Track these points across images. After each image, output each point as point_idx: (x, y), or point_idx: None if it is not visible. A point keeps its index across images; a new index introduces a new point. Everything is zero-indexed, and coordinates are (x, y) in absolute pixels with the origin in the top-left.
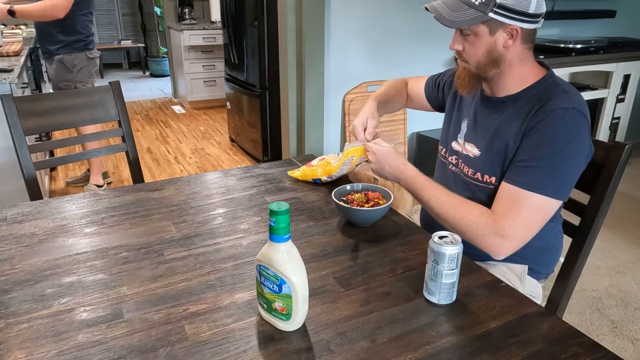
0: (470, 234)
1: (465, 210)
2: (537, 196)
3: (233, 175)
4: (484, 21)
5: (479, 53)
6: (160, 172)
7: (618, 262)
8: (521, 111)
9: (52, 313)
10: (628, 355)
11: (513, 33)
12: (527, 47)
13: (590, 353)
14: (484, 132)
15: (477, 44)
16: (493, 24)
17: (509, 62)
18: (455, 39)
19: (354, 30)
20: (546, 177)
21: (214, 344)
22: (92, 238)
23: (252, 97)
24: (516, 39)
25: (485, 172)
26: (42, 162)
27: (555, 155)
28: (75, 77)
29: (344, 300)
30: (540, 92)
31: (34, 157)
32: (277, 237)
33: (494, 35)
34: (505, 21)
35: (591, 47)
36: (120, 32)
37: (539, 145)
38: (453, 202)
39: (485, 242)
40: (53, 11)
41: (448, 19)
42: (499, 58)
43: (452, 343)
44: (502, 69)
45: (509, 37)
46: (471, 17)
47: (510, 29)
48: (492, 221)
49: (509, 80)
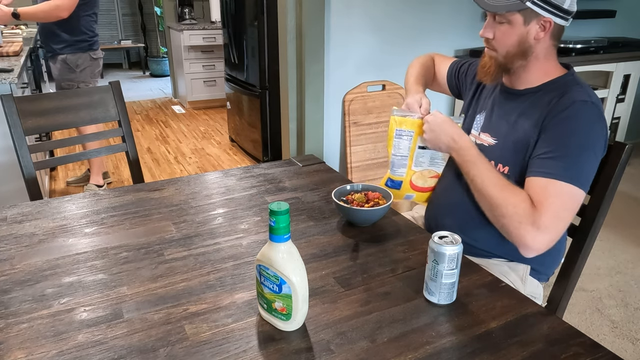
0: (508, 219)
1: (509, 192)
2: (567, 185)
3: (233, 175)
4: (520, 9)
5: (510, 42)
6: (160, 172)
7: (618, 262)
8: (540, 102)
9: (52, 313)
10: (628, 355)
11: (546, 26)
12: (553, 44)
13: (590, 353)
14: (501, 121)
15: (509, 33)
16: (528, 14)
17: (535, 55)
18: (487, 27)
19: (354, 30)
20: (572, 167)
21: (214, 344)
22: (92, 238)
23: (252, 97)
24: (547, 33)
25: (499, 160)
26: (42, 162)
27: (579, 146)
28: (78, 77)
29: (344, 300)
30: (559, 86)
31: (34, 157)
32: (277, 237)
33: (528, 26)
34: (541, 12)
35: (591, 47)
36: (120, 32)
37: (562, 136)
38: (501, 182)
39: (520, 230)
40: (57, 11)
41: (487, 2)
42: (528, 50)
43: (452, 343)
44: (527, 62)
45: (541, 30)
46: (510, 3)
47: (543, 21)
48: (532, 209)
49: (532, 75)
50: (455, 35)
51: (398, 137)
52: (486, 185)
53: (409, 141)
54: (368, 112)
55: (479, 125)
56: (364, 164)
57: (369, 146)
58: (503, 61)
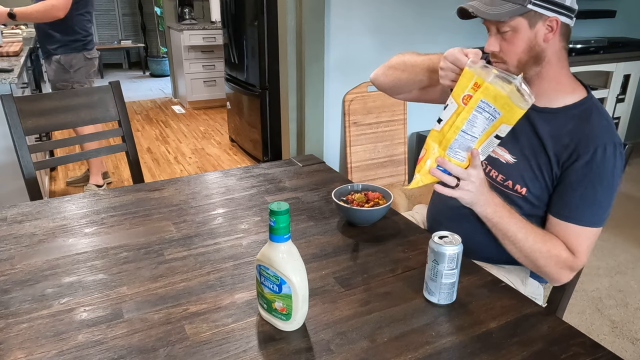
0: (548, 267)
1: (551, 244)
2: (597, 229)
3: (233, 175)
4: (522, 13)
5: (519, 49)
6: (160, 172)
7: (618, 262)
8: (562, 130)
9: (52, 313)
10: (628, 355)
11: (553, 25)
12: (563, 47)
13: (590, 353)
14: (521, 139)
15: (516, 40)
16: (532, 16)
17: (548, 60)
18: (491, 40)
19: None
20: (600, 211)
21: (214, 344)
22: (92, 238)
23: (252, 97)
24: (556, 33)
25: (517, 181)
26: (42, 162)
27: (607, 191)
28: (73, 77)
29: (344, 300)
30: (582, 112)
31: (34, 157)
32: (277, 237)
33: (534, 28)
34: (545, 12)
35: (591, 47)
36: (120, 32)
37: (590, 181)
38: (539, 233)
39: (560, 274)
40: (53, 11)
41: (488, 13)
42: (540, 54)
43: (452, 343)
44: (542, 69)
45: (549, 31)
46: (510, 9)
47: (549, 20)
48: (571, 257)
49: (548, 84)
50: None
51: (480, 110)
52: (526, 238)
53: (489, 122)
54: (368, 112)
55: None
56: (364, 164)
57: (369, 146)
58: (516, 72)
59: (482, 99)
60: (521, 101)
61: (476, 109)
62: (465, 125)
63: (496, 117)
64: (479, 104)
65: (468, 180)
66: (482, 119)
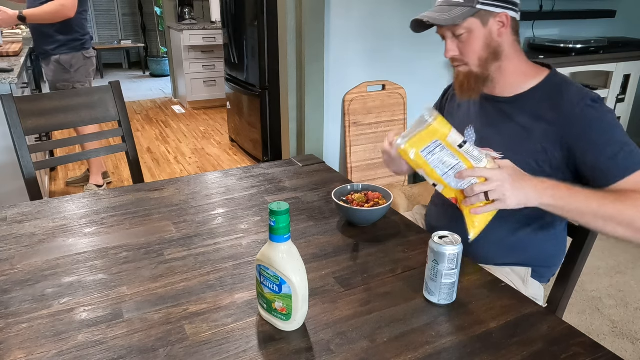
0: None
1: (631, 200)
2: None
3: (233, 175)
4: (473, 14)
5: (478, 48)
6: (160, 172)
7: (618, 262)
8: (543, 108)
9: (52, 313)
10: (628, 355)
11: (503, 20)
12: (516, 40)
13: (590, 353)
14: (504, 134)
15: (472, 40)
16: (483, 15)
17: (506, 54)
18: (449, 46)
19: (354, 30)
20: (634, 150)
21: (214, 344)
22: (92, 238)
23: (252, 97)
24: (507, 27)
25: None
26: (42, 162)
27: (621, 134)
28: (73, 77)
29: (344, 300)
30: (552, 87)
31: (34, 157)
32: (277, 237)
33: (487, 26)
34: (494, 10)
35: (591, 47)
36: (120, 32)
37: (602, 137)
38: (615, 194)
39: None
40: (64, 11)
41: (442, 19)
42: (498, 49)
43: (452, 343)
44: (502, 63)
45: (501, 26)
46: (462, 12)
47: (500, 16)
48: None
49: (511, 76)
50: None
51: (429, 156)
52: (606, 206)
53: (443, 150)
54: (368, 112)
55: (472, 139)
56: (364, 164)
57: (369, 146)
58: (479, 70)
59: (420, 150)
60: (428, 119)
61: (427, 159)
62: (439, 171)
63: (439, 144)
64: (423, 155)
65: (493, 184)
66: (439, 156)
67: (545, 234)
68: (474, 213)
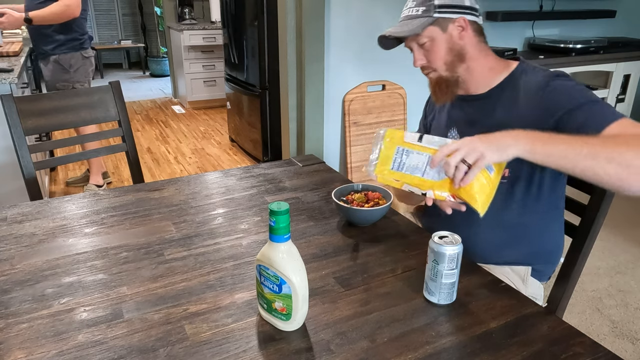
0: None
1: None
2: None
3: (233, 175)
4: (432, 22)
5: (442, 53)
6: (160, 172)
7: (618, 262)
8: (517, 98)
9: (52, 313)
10: (628, 355)
11: (462, 24)
12: (481, 40)
13: (590, 353)
14: (487, 130)
15: (436, 46)
16: (442, 22)
17: (470, 55)
18: (416, 56)
19: (354, 30)
20: (607, 107)
21: (214, 344)
22: (92, 238)
23: (252, 97)
24: (467, 29)
25: (519, 173)
26: (42, 162)
27: (588, 93)
28: (73, 77)
29: (344, 300)
30: (521, 74)
31: (34, 157)
32: (277, 237)
33: (447, 31)
34: (451, 16)
35: (591, 47)
36: (120, 32)
37: (573, 99)
38: (603, 137)
39: None
40: (69, 11)
41: (404, 31)
42: (461, 51)
43: (452, 343)
44: (468, 64)
45: (461, 29)
46: (421, 22)
47: (458, 21)
48: None
49: (480, 74)
50: None
51: (401, 166)
52: (592, 145)
53: (410, 153)
54: (368, 112)
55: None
56: (364, 164)
57: (369, 146)
58: (448, 74)
59: (390, 167)
60: (380, 133)
61: (401, 171)
62: (419, 173)
63: (402, 150)
64: (395, 169)
65: (464, 149)
66: (408, 161)
67: (540, 227)
68: (465, 183)
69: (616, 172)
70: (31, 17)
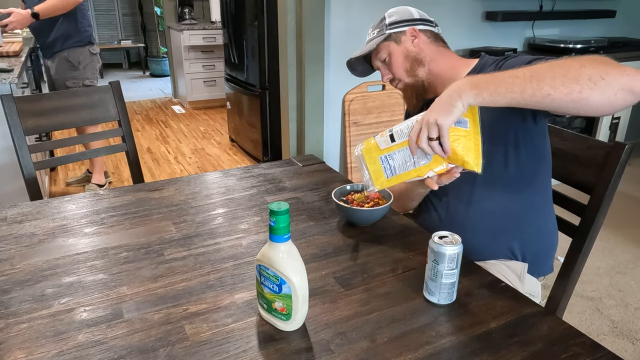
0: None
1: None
2: None
3: (233, 175)
4: (386, 38)
5: (400, 62)
6: (160, 172)
7: (618, 262)
8: None
9: (52, 313)
10: (628, 355)
11: (414, 34)
12: (439, 45)
13: (590, 353)
14: None
15: (394, 58)
16: (395, 37)
17: (429, 58)
18: (382, 72)
19: (354, 30)
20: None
21: (214, 344)
22: (92, 238)
23: (252, 97)
24: (419, 37)
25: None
26: (42, 162)
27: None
28: (82, 74)
29: (344, 300)
30: (485, 67)
31: (34, 157)
32: (277, 237)
33: (401, 43)
34: (401, 29)
35: (591, 47)
36: (120, 32)
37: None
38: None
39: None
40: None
41: (363, 50)
42: (417, 56)
43: (452, 343)
44: (428, 67)
45: (414, 38)
46: (377, 40)
47: (408, 32)
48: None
49: (444, 74)
50: (455, 35)
51: (392, 170)
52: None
53: (392, 156)
54: (368, 112)
55: None
56: None
57: None
58: (411, 80)
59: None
60: (359, 151)
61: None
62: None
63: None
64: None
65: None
66: (396, 163)
67: (529, 214)
68: (448, 152)
69: (567, 88)
70: (38, 12)
